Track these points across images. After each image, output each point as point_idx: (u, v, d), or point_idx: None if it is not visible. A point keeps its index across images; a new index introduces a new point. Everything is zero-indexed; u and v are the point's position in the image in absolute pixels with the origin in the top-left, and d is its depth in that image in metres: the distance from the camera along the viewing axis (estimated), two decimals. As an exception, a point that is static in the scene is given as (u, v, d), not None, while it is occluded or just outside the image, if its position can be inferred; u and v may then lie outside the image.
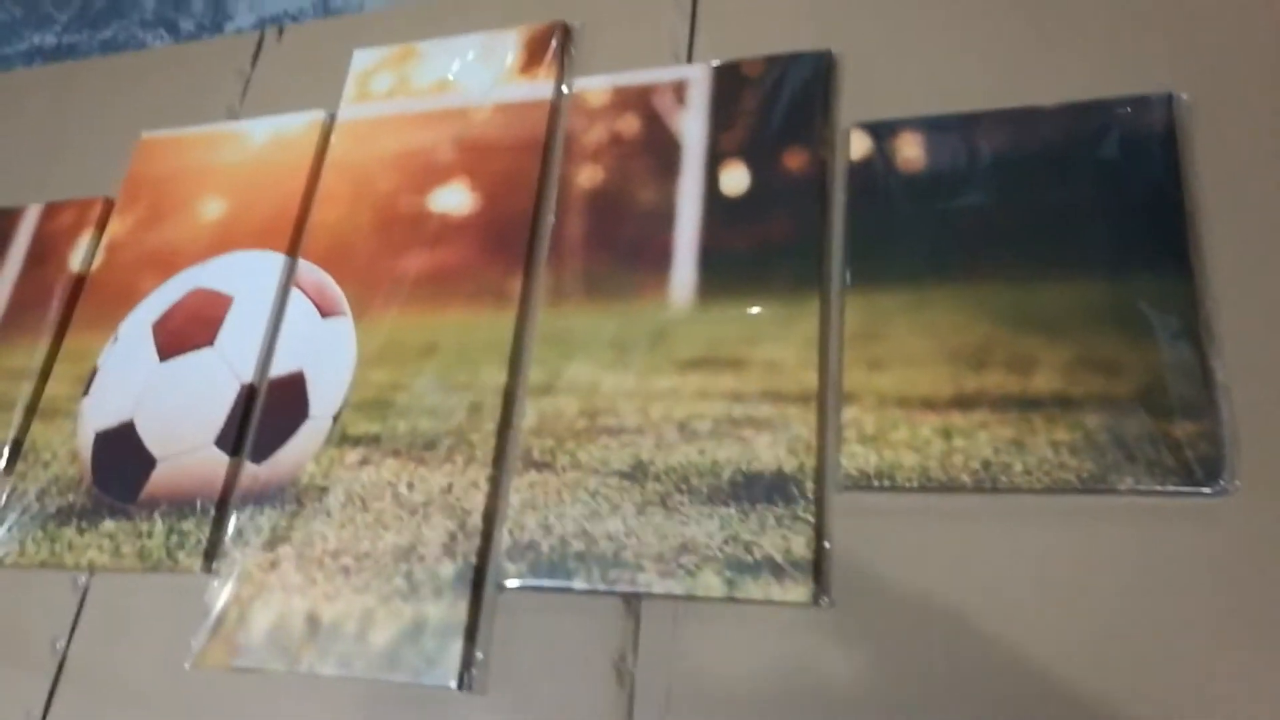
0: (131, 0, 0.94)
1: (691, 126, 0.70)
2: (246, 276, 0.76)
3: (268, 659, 0.62)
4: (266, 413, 0.70)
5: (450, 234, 0.72)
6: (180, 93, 0.89)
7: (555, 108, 0.75)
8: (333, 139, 0.80)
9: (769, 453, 0.58)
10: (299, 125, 0.82)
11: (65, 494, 0.73)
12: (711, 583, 0.56)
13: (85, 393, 0.76)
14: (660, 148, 0.70)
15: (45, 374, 0.79)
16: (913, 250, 0.61)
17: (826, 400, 0.59)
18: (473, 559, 0.61)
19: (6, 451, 0.75)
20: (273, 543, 0.66)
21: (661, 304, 0.65)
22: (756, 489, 0.57)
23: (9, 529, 0.73)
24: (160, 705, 0.64)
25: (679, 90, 0.72)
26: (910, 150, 0.64)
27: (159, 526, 0.69)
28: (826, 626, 0.54)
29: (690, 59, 0.73)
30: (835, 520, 0.56)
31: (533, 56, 0.77)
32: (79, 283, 0.82)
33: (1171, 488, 0.51)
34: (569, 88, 0.75)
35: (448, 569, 0.61)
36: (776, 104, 0.68)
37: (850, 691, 0.53)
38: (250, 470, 0.69)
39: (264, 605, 0.64)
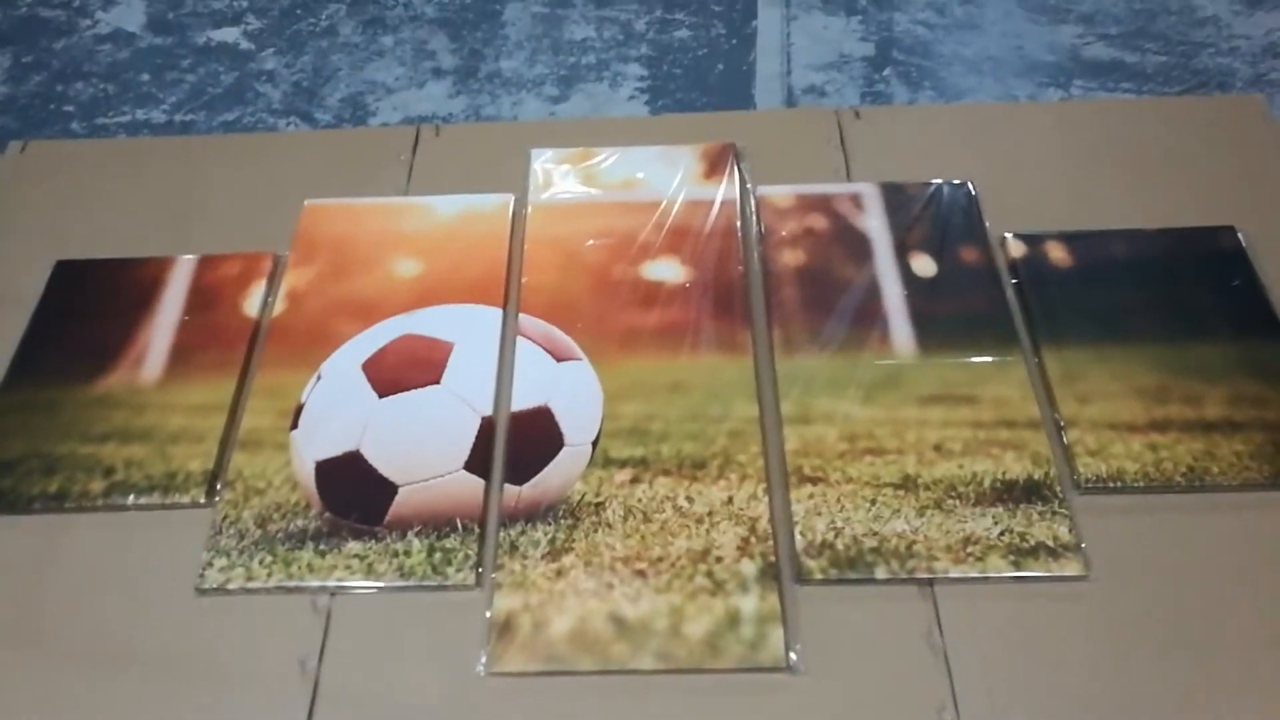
0: (253, 89, 0.97)
1: (874, 225, 0.86)
2: (463, 326, 0.81)
3: (576, 660, 0.63)
4: (516, 441, 0.74)
5: (671, 297, 0.82)
6: (335, 169, 0.93)
7: (744, 204, 0.88)
8: (529, 216, 0.88)
9: (1017, 465, 0.71)
10: (490, 203, 0.89)
11: (291, 519, 0.70)
12: (999, 564, 0.66)
13: (294, 426, 0.75)
14: (851, 240, 0.85)
15: (234, 409, 0.77)
16: (1084, 320, 0.78)
17: (1049, 426, 0.73)
18: (771, 557, 0.67)
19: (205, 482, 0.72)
20: (555, 554, 0.68)
21: (887, 355, 0.77)
22: (1015, 493, 0.69)
23: (229, 555, 0.69)
24: (452, 715, 0.63)
25: (855, 200, 0.88)
26: (1057, 253, 0.83)
27: (416, 545, 0.69)
28: (1095, 598, 0.65)
29: (849, 177, 0.90)
30: (1079, 516, 0.69)
31: (712, 167, 0.91)
32: (255, 327, 0.82)
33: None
34: (752, 193, 0.89)
35: (749, 567, 0.67)
36: (939, 215, 0.86)
37: (1117, 654, 0.64)
38: (512, 491, 0.71)
39: (559, 610, 0.65)
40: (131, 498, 0.72)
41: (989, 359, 0.77)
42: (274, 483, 0.73)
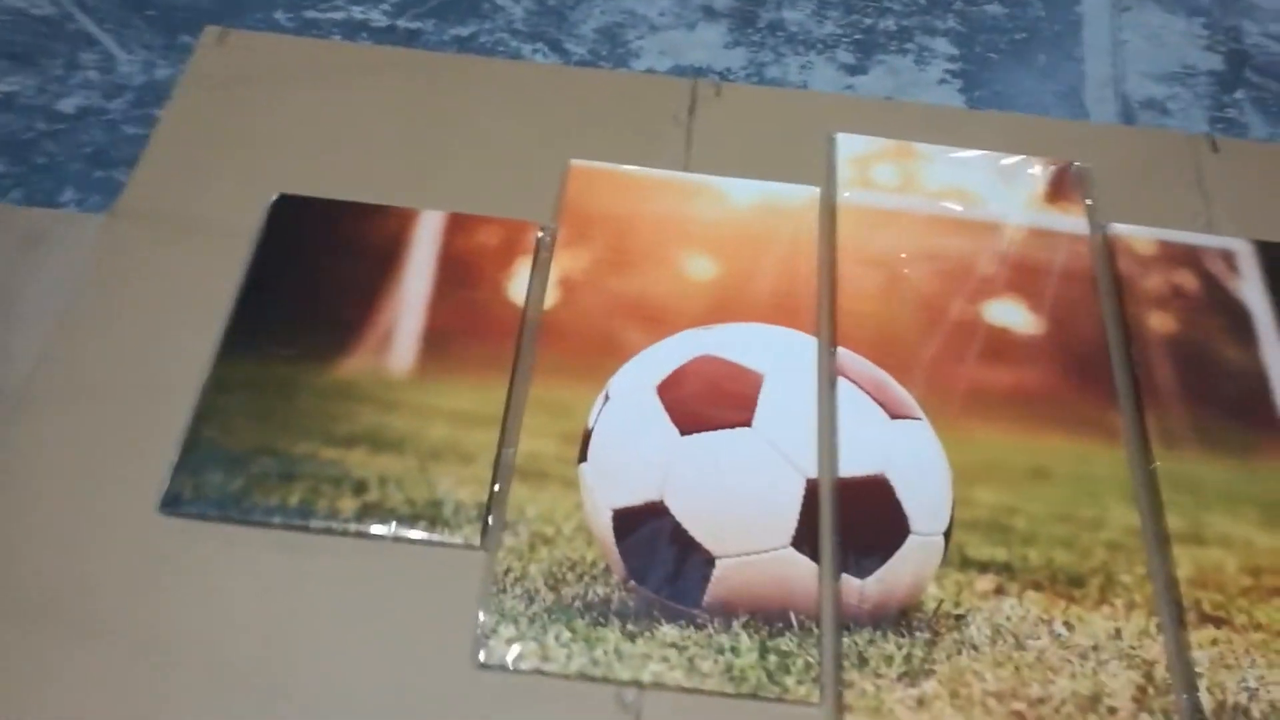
0: (491, 1, 0.80)
1: (1252, 296, 0.72)
2: (771, 352, 0.67)
3: (951, 820, 0.53)
4: (850, 518, 0.61)
5: (1022, 352, 0.69)
6: (599, 121, 0.78)
7: (1100, 245, 0.74)
8: (838, 219, 0.73)
9: None
10: (792, 196, 0.75)
11: (589, 584, 0.58)
12: None
13: (582, 457, 0.62)
14: (1229, 310, 0.71)
15: (506, 424, 0.64)
16: None
17: None
18: (1175, 716, 0.56)
19: (479, 518, 0.60)
20: (912, 676, 0.56)
21: (1285, 467, 0.65)
22: None
23: (516, 623, 0.56)
24: None
25: (1227, 258, 0.74)
26: None
27: (745, 641, 0.57)
28: None
29: (1210, 228, 0.76)
30: None
31: (1056, 190, 0.76)
32: (522, 318, 0.68)
33: None
34: (1104, 230, 0.75)
35: (1148, 727, 0.56)
36: (1327, 291, 0.73)
37: None
38: (853, 586, 0.59)
39: (925, 752, 0.54)
40: (393, 526, 0.60)
41: (1407, 491, 0.65)
42: (564, 530, 0.60)
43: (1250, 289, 0.73)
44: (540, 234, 0.72)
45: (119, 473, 0.62)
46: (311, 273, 0.69)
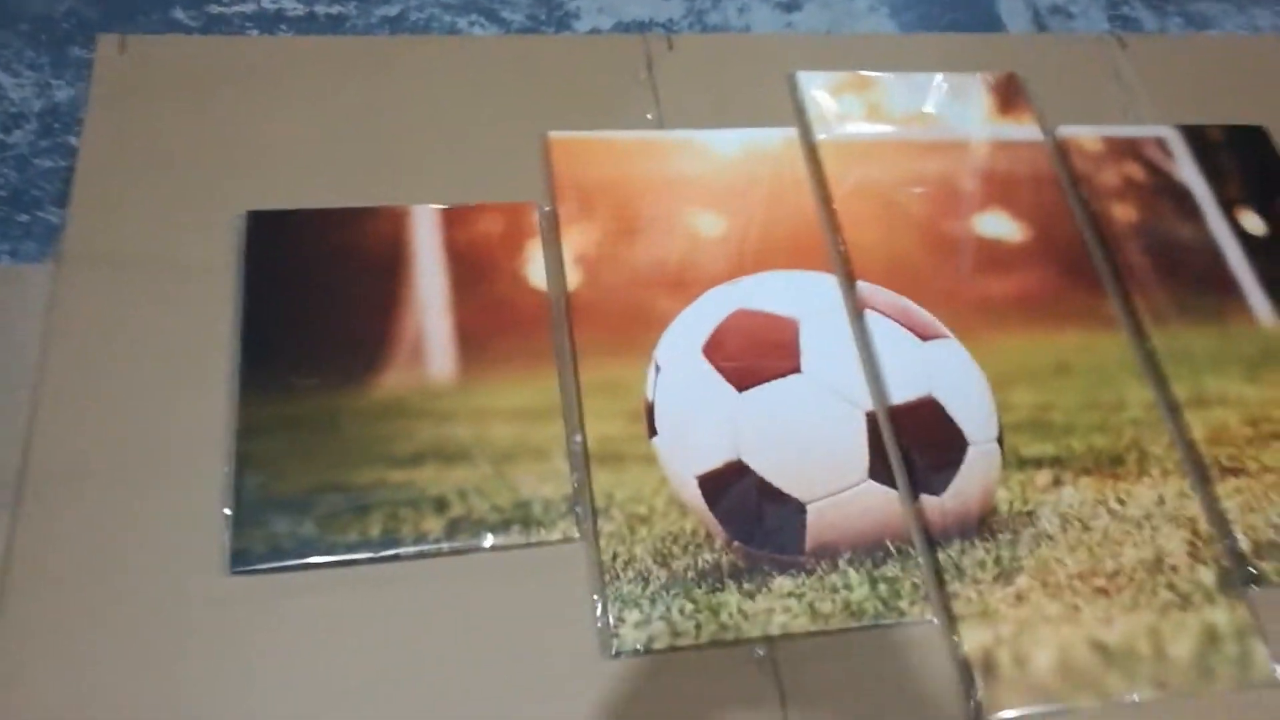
0: None
1: (1189, 176, 0.79)
2: (799, 299, 0.68)
3: (1073, 696, 0.57)
4: (913, 442, 0.64)
5: (1017, 259, 0.73)
6: (562, 89, 0.75)
7: (1053, 149, 0.79)
8: (821, 157, 0.75)
9: None
10: (773, 140, 0.75)
11: (696, 553, 0.58)
12: None
13: (653, 432, 0.62)
14: (1173, 193, 0.78)
15: (568, 412, 0.62)
16: None
17: None
18: (1224, 562, 0.62)
19: (570, 511, 0.58)
20: (1007, 575, 0.60)
21: (1254, 327, 0.72)
22: None
23: (639, 606, 0.56)
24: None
25: (1161, 145, 0.80)
26: (1367, 208, 0.80)
27: (854, 576, 0.59)
28: None
29: (1137, 119, 0.82)
30: None
31: (1005, 101, 0.80)
32: (549, 303, 0.66)
33: None
34: (1054, 134, 0.79)
35: (1206, 575, 0.62)
36: (1246, 164, 0.80)
37: None
38: (933, 504, 0.62)
39: (1036, 642, 0.58)
40: (489, 538, 0.58)
41: (1349, 328, 0.74)
42: (656, 507, 0.60)
43: (1186, 170, 0.80)
44: (540, 213, 0.70)
45: (169, 544, 0.56)
46: (313, 292, 0.64)
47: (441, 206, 0.68)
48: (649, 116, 0.76)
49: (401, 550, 0.56)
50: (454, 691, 0.54)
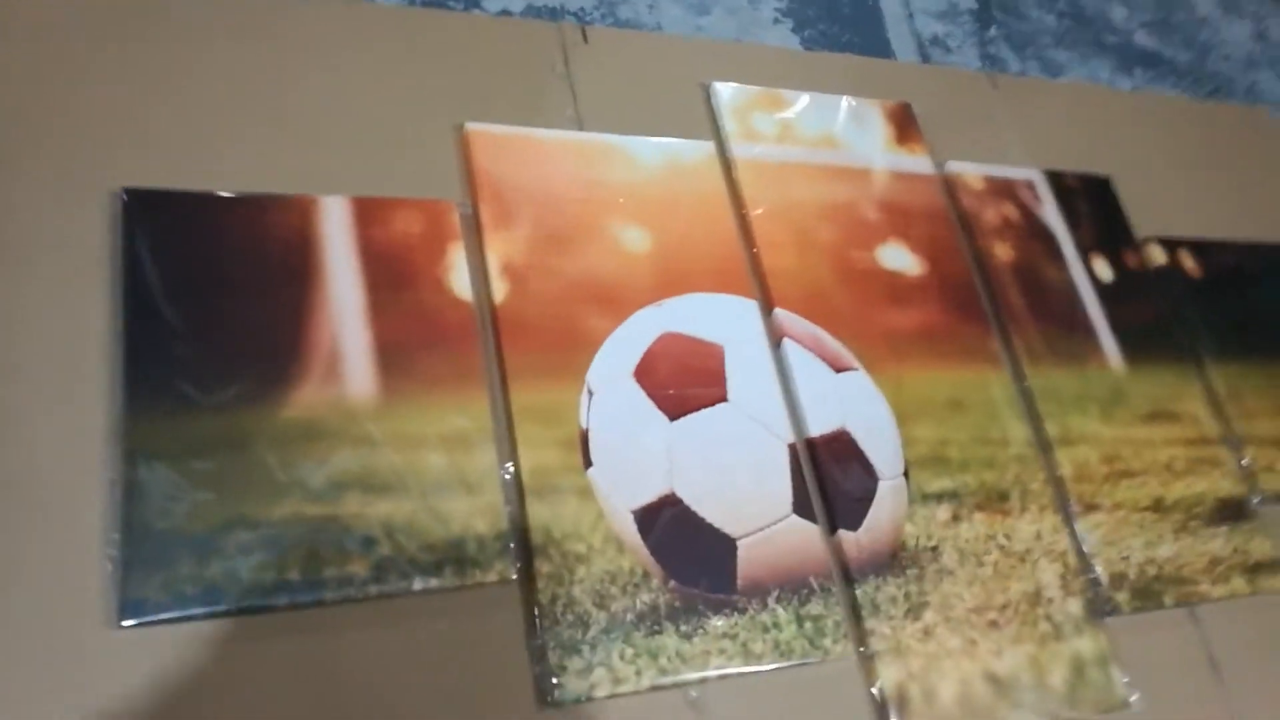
0: None
1: (1053, 220, 0.85)
2: (722, 323, 0.67)
3: (971, 726, 0.60)
4: (830, 475, 0.64)
5: (914, 293, 0.75)
6: (474, 74, 0.69)
7: (942, 184, 0.82)
8: (738, 176, 0.73)
9: (1224, 484, 0.78)
10: (693, 154, 0.73)
11: (634, 594, 0.56)
12: (1239, 584, 0.74)
13: (588, 463, 0.58)
14: (1042, 235, 0.83)
15: (498, 439, 0.57)
16: (1229, 331, 0.86)
17: (1232, 443, 0.81)
18: (1088, 594, 0.68)
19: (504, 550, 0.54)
20: (915, 610, 0.63)
21: (1105, 368, 0.79)
22: (1227, 511, 0.77)
23: (580, 652, 0.53)
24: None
25: (1031, 188, 0.85)
26: (1189, 263, 0.89)
27: (782, 615, 0.59)
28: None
29: (1006, 159, 0.87)
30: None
31: (902, 131, 0.82)
32: (475, 317, 0.60)
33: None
34: (943, 169, 0.82)
35: (1074, 606, 0.67)
36: (1096, 211, 0.87)
37: None
38: (850, 539, 0.63)
39: (941, 675, 0.61)
40: (418, 581, 0.53)
41: (1176, 373, 0.82)
42: (594, 544, 0.57)
43: (1050, 214, 0.86)
44: (461, 214, 0.64)
45: (44, 590, 0.48)
46: (210, 289, 0.56)
47: (351, 197, 0.61)
48: (568, 113, 0.72)
49: (326, 595, 0.51)
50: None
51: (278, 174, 0.61)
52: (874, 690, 0.60)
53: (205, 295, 0.56)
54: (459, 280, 0.62)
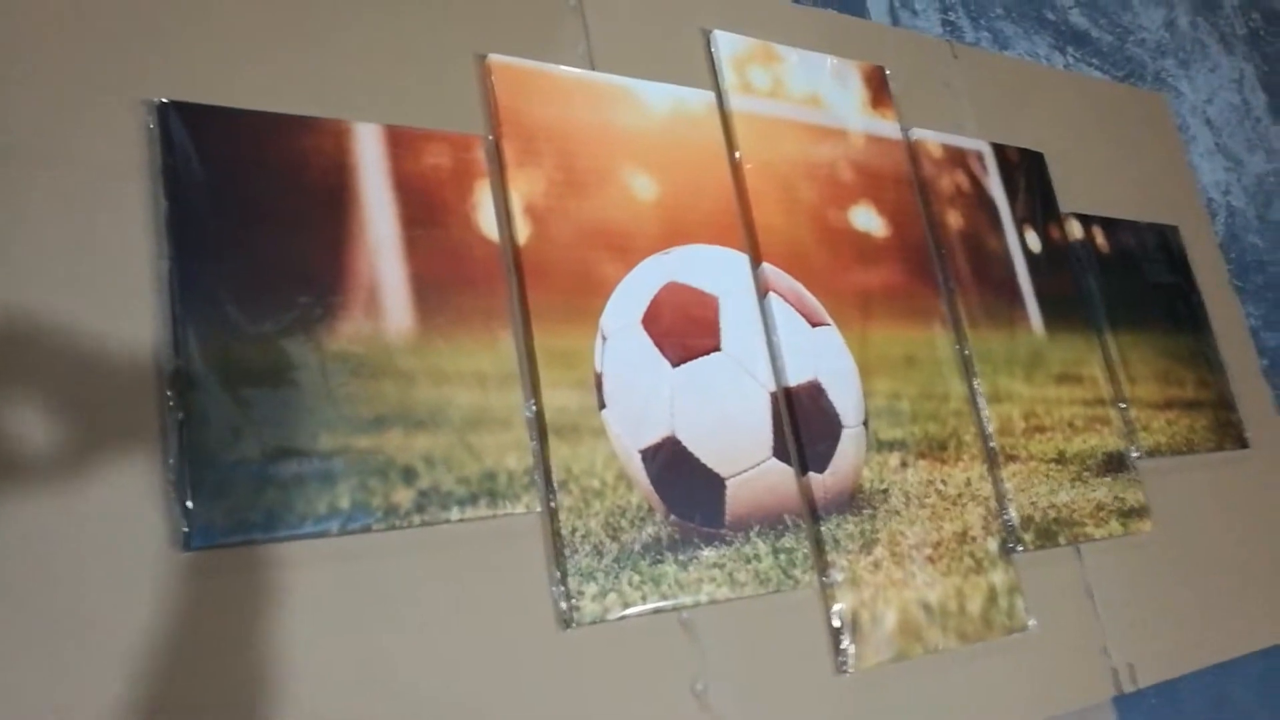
0: None
1: (996, 192, 0.92)
2: (719, 275, 0.71)
3: (908, 648, 0.70)
4: (802, 421, 0.71)
5: (880, 254, 0.81)
6: (496, 7, 0.68)
7: (910, 151, 0.87)
8: (735, 129, 0.76)
9: (1111, 440, 0.89)
10: (696, 103, 0.75)
11: (640, 526, 0.61)
12: (1115, 526, 0.86)
13: (602, 404, 0.62)
14: (987, 205, 0.90)
15: (523, 379, 0.60)
16: (1123, 306, 0.97)
17: (1118, 404, 0.92)
18: (1003, 534, 0.78)
19: (531, 484, 0.59)
20: (868, 546, 0.71)
21: (1030, 334, 0.88)
22: (1112, 463, 0.88)
23: (596, 579, 0.58)
24: (825, 713, 0.66)
25: (980, 159, 0.92)
26: (1099, 239, 0.99)
27: (762, 548, 0.65)
28: (1159, 542, 0.89)
29: (959, 129, 0.93)
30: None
31: (876, 95, 0.87)
32: (500, 257, 0.62)
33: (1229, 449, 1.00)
34: (908, 134, 0.87)
35: (992, 544, 0.77)
36: (1030, 185, 0.95)
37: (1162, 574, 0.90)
38: (818, 480, 0.70)
39: (886, 603, 0.70)
40: (455, 511, 0.56)
41: (1087, 340, 0.92)
42: (607, 480, 0.62)
43: (994, 185, 0.93)
44: (486, 147, 0.65)
45: (110, 516, 0.49)
46: (253, 211, 0.56)
47: (384, 125, 0.61)
48: (580, 50, 0.73)
49: (373, 524, 0.54)
50: (419, 666, 0.54)
51: (305, 95, 0.60)
52: (832, 615, 0.69)
53: (248, 220, 0.56)
54: (486, 218, 0.64)
